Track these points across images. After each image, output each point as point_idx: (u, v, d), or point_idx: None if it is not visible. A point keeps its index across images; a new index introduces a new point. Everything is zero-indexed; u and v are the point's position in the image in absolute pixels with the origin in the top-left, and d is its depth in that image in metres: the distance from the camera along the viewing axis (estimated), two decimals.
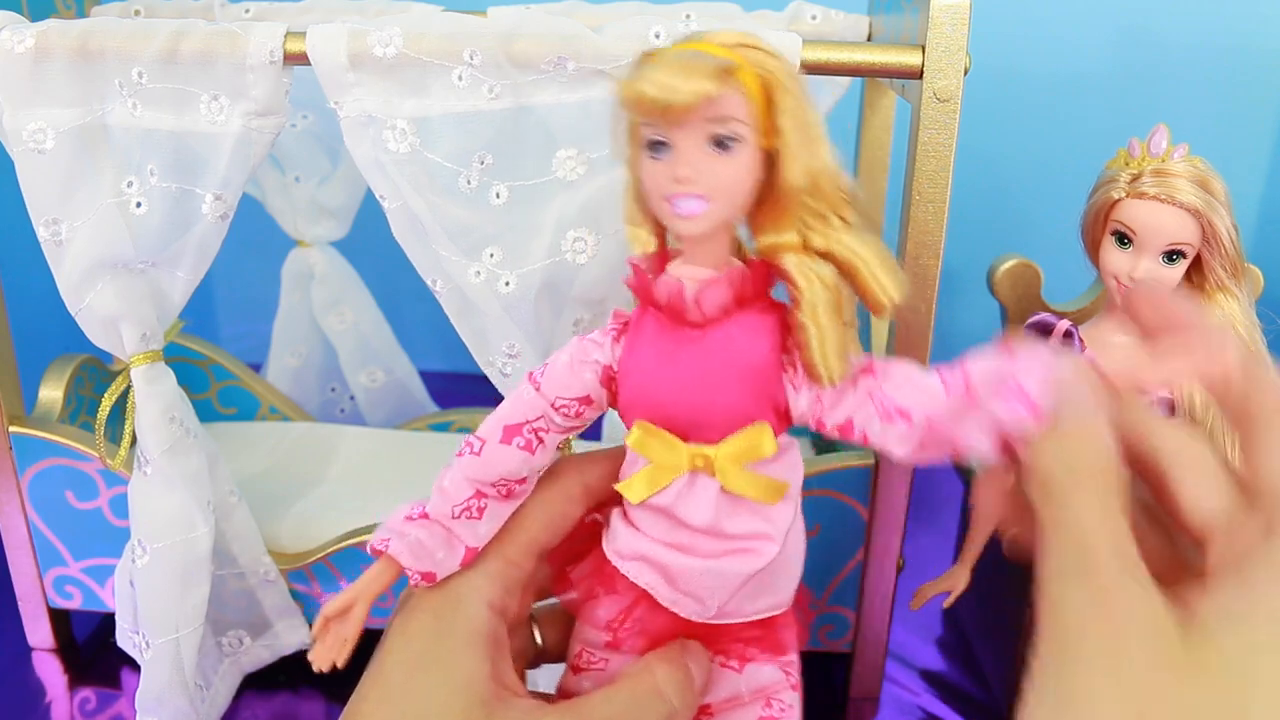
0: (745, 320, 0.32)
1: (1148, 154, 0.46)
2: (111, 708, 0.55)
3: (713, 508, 0.33)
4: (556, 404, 0.34)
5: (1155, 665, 0.22)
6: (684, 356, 0.32)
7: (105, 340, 0.48)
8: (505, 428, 0.34)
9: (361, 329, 0.73)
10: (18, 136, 0.44)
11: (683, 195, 0.30)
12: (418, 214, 0.44)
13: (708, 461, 0.32)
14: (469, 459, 0.34)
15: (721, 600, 0.34)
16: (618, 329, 0.34)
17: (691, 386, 0.32)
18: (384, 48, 0.42)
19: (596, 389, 0.34)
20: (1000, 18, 0.75)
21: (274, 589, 0.54)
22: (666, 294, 0.32)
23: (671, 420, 0.32)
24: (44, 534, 0.55)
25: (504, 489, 0.35)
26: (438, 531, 0.34)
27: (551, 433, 0.35)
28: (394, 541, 0.34)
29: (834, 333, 0.31)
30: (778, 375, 0.32)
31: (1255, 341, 0.48)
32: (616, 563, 0.35)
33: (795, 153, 0.30)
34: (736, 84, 0.29)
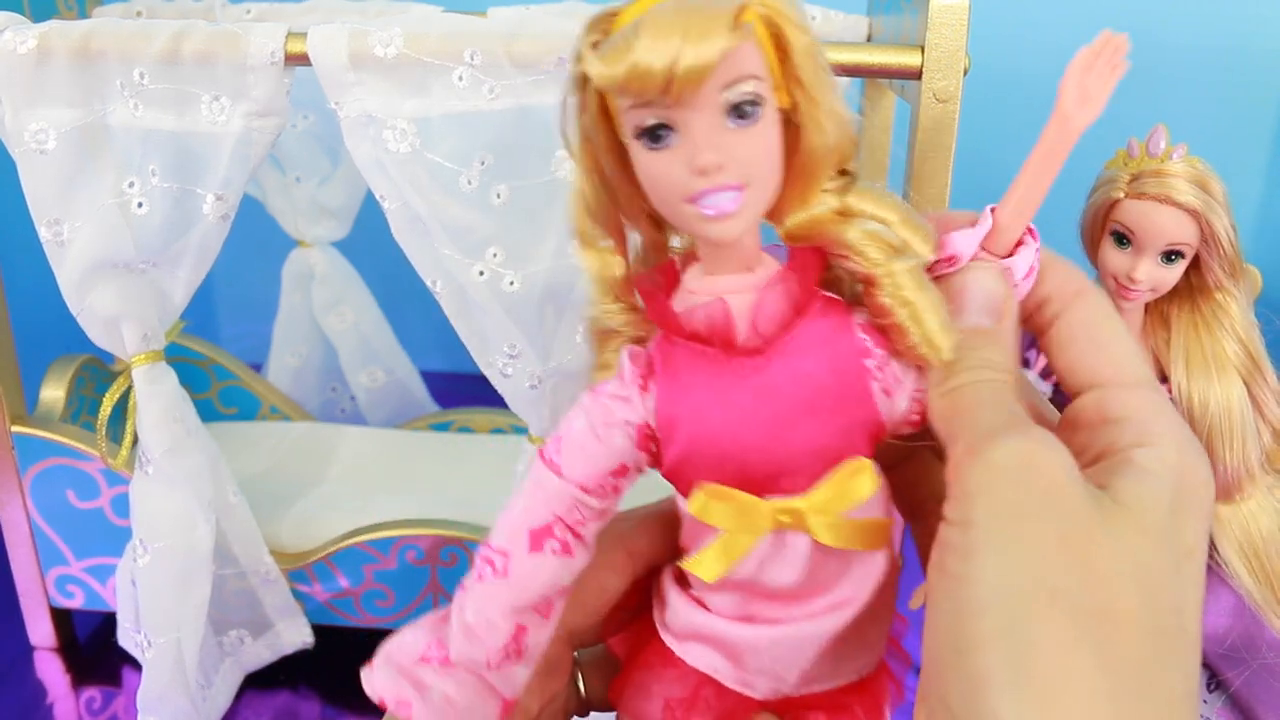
0: (809, 332, 0.26)
1: (1146, 154, 0.47)
2: (113, 706, 0.55)
3: (805, 567, 0.26)
4: (589, 485, 0.27)
5: (1092, 513, 0.23)
6: (746, 393, 0.25)
7: (106, 340, 0.48)
8: (531, 534, 0.27)
9: (362, 329, 0.73)
10: (19, 137, 0.44)
11: (713, 189, 0.23)
12: (418, 214, 0.44)
13: (796, 516, 0.26)
14: (494, 584, 0.27)
15: (801, 669, 0.28)
16: (642, 375, 0.27)
17: (763, 430, 0.25)
18: (385, 48, 0.42)
19: (633, 454, 0.27)
20: (1000, 18, 0.75)
21: (275, 588, 0.54)
22: (706, 320, 0.25)
23: (743, 474, 0.26)
24: (46, 533, 0.55)
25: (544, 607, 0.27)
26: (468, 684, 0.27)
27: (589, 523, 0.27)
28: (417, 707, 0.27)
29: (929, 299, 0.25)
30: (864, 387, 0.26)
31: (1254, 342, 0.48)
32: (670, 643, 0.29)
33: (822, 105, 0.24)
34: (746, 29, 0.23)
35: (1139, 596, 0.22)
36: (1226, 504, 0.48)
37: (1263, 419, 0.48)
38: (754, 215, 0.25)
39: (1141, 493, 0.23)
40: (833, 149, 0.25)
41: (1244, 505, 0.48)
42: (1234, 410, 0.47)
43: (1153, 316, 0.50)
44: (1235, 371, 0.47)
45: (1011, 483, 0.23)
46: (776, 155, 0.24)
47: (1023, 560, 0.22)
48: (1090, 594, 0.22)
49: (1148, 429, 0.25)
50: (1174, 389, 0.48)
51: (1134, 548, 0.23)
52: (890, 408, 0.26)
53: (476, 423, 0.72)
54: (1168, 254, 0.46)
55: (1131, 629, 0.22)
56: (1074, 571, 0.22)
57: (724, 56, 0.22)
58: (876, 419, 0.26)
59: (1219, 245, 0.46)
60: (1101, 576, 0.22)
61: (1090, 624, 0.21)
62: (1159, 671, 0.22)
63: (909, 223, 0.26)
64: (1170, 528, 0.23)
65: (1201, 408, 0.47)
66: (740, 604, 0.28)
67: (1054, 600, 0.21)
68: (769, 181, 0.25)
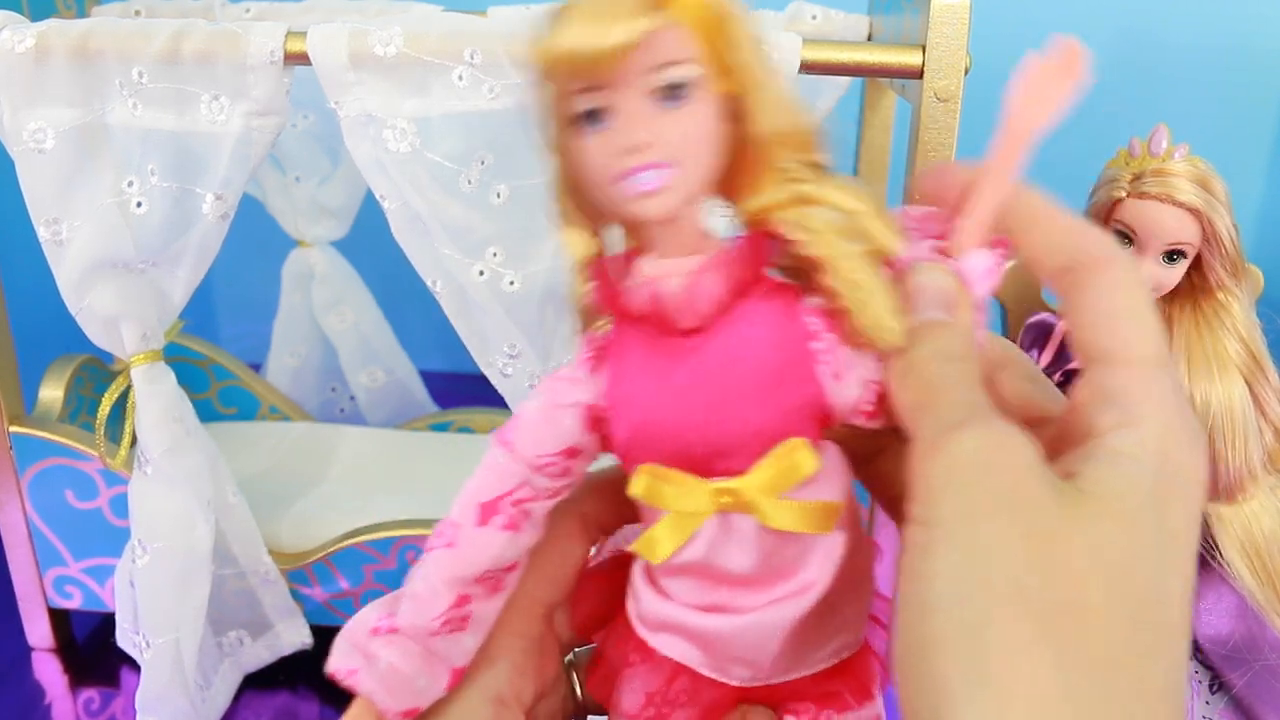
0: (750, 312, 0.26)
1: (1148, 154, 0.47)
2: (111, 707, 0.55)
3: (756, 550, 0.27)
4: (537, 464, 0.27)
5: (1055, 508, 0.22)
6: (685, 373, 0.26)
7: (105, 340, 0.48)
8: (481, 506, 0.28)
9: (362, 329, 0.73)
10: (18, 136, 0.44)
11: (640, 166, 0.24)
12: (418, 214, 0.44)
13: (737, 498, 0.26)
14: (442, 554, 0.28)
15: (775, 655, 0.28)
16: (593, 357, 0.28)
17: (701, 408, 0.26)
18: (385, 47, 0.42)
19: (582, 436, 0.27)
20: (1000, 18, 0.75)
21: (274, 589, 0.54)
22: (644, 301, 0.26)
23: (684, 455, 0.26)
24: (44, 534, 0.55)
25: (490, 582, 0.28)
26: (414, 652, 0.28)
27: (539, 500, 0.28)
28: (363, 674, 0.28)
29: (877, 284, 0.25)
30: (806, 368, 0.26)
31: (1256, 341, 0.48)
32: (643, 634, 0.29)
33: (764, 92, 0.25)
34: (673, 14, 0.24)
35: (1107, 589, 0.21)
36: (1229, 504, 0.48)
37: (1264, 419, 0.48)
38: (682, 195, 0.25)
39: (1113, 478, 0.23)
40: (781, 136, 0.25)
41: (1246, 505, 0.48)
42: (1236, 410, 0.47)
43: None
44: (1237, 371, 0.47)
45: (972, 478, 0.22)
46: (710, 137, 0.25)
47: (982, 558, 0.21)
48: (1053, 590, 0.21)
49: (1133, 410, 0.24)
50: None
51: (1102, 538, 0.22)
52: (840, 392, 0.26)
53: (476, 423, 0.72)
54: (1169, 253, 0.46)
55: (1099, 623, 0.21)
56: (1036, 568, 0.21)
57: (644, 37, 0.23)
58: (823, 403, 0.26)
59: (1221, 245, 0.46)
60: (1065, 571, 0.21)
61: (1052, 621, 0.21)
62: (1133, 665, 0.21)
63: (878, 215, 0.26)
64: (1148, 513, 0.22)
65: (1203, 407, 0.47)
66: (702, 591, 0.28)
67: (1014, 599, 0.21)
68: (698, 163, 0.25)
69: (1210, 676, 0.46)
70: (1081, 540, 0.22)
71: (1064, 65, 0.26)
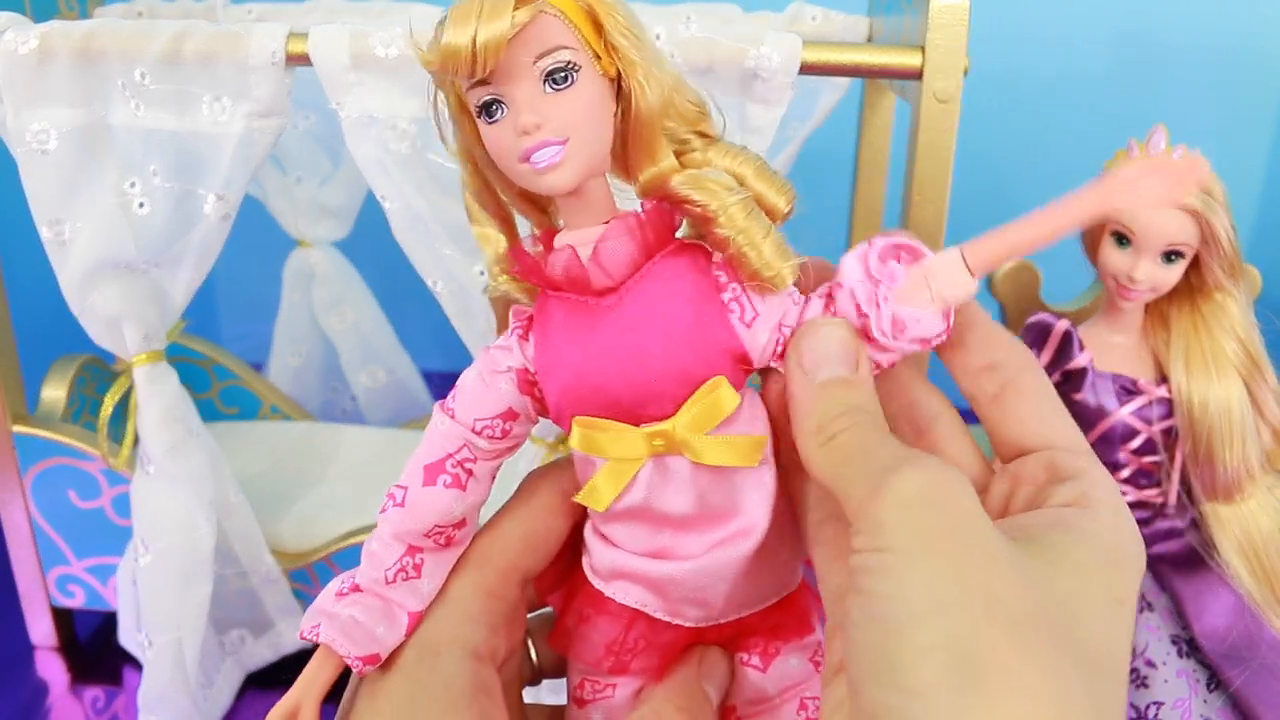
0: (661, 270, 0.28)
1: (1146, 154, 0.47)
2: (113, 706, 0.55)
3: (692, 490, 0.29)
4: (476, 427, 0.30)
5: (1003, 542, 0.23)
6: (605, 330, 0.28)
7: (108, 340, 0.48)
8: (426, 468, 0.30)
9: (363, 329, 0.73)
10: (21, 137, 0.44)
11: (535, 146, 0.26)
12: (419, 214, 0.44)
13: (668, 440, 0.28)
14: (393, 512, 0.30)
15: (724, 595, 0.30)
16: (523, 326, 0.30)
17: (623, 360, 0.28)
18: (386, 49, 0.42)
19: (517, 399, 0.30)
20: (1000, 18, 0.75)
21: (276, 588, 0.54)
22: (561, 266, 0.28)
23: (614, 406, 0.28)
24: (47, 533, 0.55)
25: (440, 537, 0.30)
26: (373, 604, 0.30)
27: (480, 461, 0.30)
28: (324, 627, 0.29)
29: (761, 230, 0.28)
30: (720, 317, 0.28)
31: (1254, 342, 0.48)
32: (598, 585, 0.31)
33: (645, 71, 0.27)
34: (547, 6, 0.26)
35: (1069, 626, 0.22)
36: (1227, 504, 0.48)
37: (1262, 419, 0.48)
38: (580, 166, 0.27)
39: (1069, 541, 0.24)
40: (663, 110, 0.28)
41: (1244, 505, 0.48)
42: (1234, 410, 0.47)
43: (1152, 317, 0.50)
44: (1235, 371, 0.47)
45: (924, 509, 0.23)
46: (598, 113, 0.27)
47: (952, 573, 0.22)
48: (1025, 603, 0.22)
49: (1089, 494, 0.26)
50: (1174, 389, 0.48)
51: (1057, 585, 0.23)
52: (752, 339, 0.29)
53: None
54: (1168, 254, 0.46)
55: (1068, 650, 0.21)
56: (1007, 583, 0.22)
57: (516, 29, 0.25)
58: (739, 348, 0.28)
59: (1219, 245, 0.46)
60: (1036, 595, 0.22)
61: (1033, 633, 0.21)
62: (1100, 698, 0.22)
63: (763, 177, 0.29)
64: (1099, 578, 0.24)
65: (1201, 408, 0.47)
66: (647, 536, 0.30)
67: (992, 609, 0.21)
68: (590, 135, 0.27)
69: (1208, 675, 0.46)
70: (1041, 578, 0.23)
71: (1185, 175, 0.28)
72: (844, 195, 0.65)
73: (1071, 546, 0.24)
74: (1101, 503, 0.26)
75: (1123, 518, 0.26)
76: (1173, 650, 0.47)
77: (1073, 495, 0.26)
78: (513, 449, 0.31)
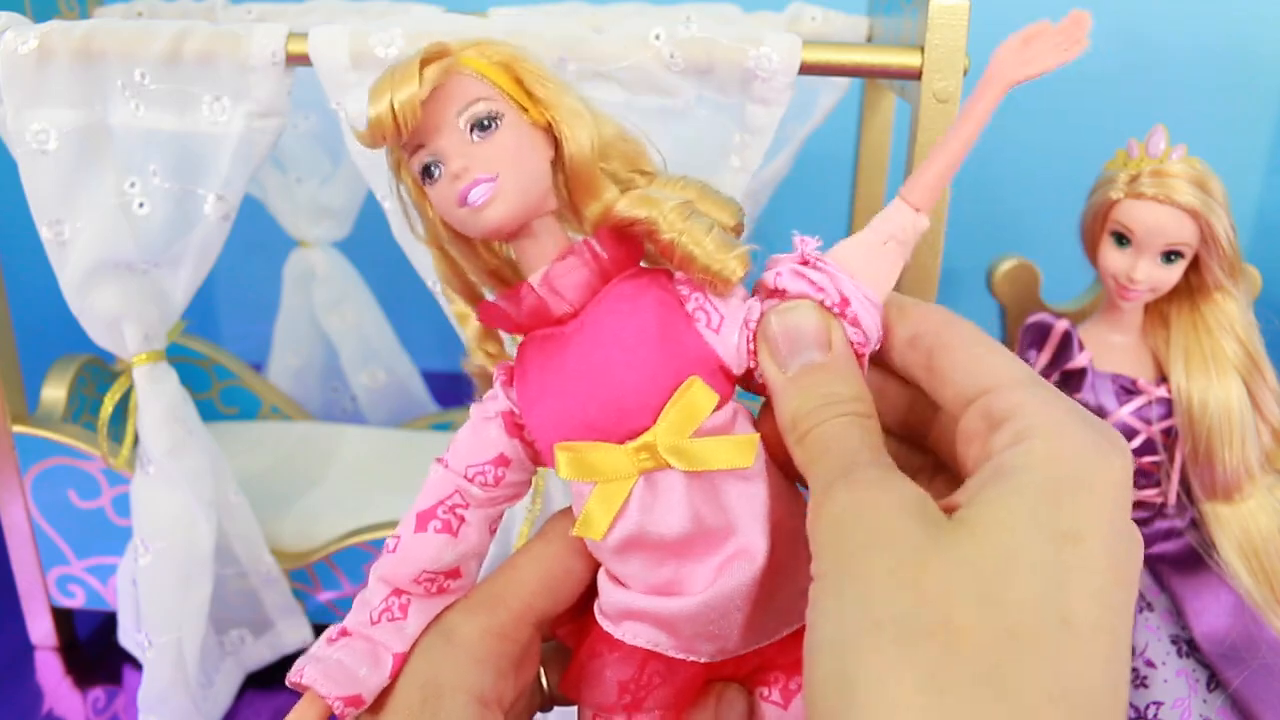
0: (621, 290, 0.29)
1: (1146, 155, 0.47)
2: (113, 706, 0.55)
3: (685, 507, 0.28)
4: (469, 474, 0.30)
5: (924, 540, 0.22)
6: (571, 354, 0.29)
7: (108, 340, 0.48)
8: (418, 515, 0.30)
9: (363, 329, 0.73)
10: (21, 137, 0.44)
11: (468, 186, 0.28)
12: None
13: (653, 452, 0.28)
14: (385, 558, 0.30)
15: (738, 626, 0.29)
16: (506, 373, 0.31)
17: (591, 378, 0.28)
18: (385, 49, 0.42)
19: (507, 443, 0.30)
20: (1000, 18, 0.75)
21: (276, 588, 0.54)
22: (519, 304, 0.29)
23: (592, 427, 0.28)
24: (47, 533, 0.55)
25: (431, 584, 0.30)
26: (358, 646, 0.30)
27: (473, 509, 0.31)
28: (309, 668, 0.29)
29: (702, 228, 0.28)
30: (686, 327, 0.29)
31: (1254, 342, 0.48)
32: (607, 627, 0.30)
33: (569, 117, 0.29)
34: (459, 65, 0.28)
35: (978, 607, 0.21)
36: (1226, 504, 0.48)
37: (1262, 419, 0.48)
38: (515, 200, 0.28)
39: (993, 498, 0.23)
40: (598, 151, 0.29)
41: (1243, 505, 0.48)
42: (1233, 410, 0.47)
43: (1152, 317, 0.50)
44: (1235, 371, 0.47)
45: (845, 529, 0.23)
46: (526, 152, 0.28)
47: (851, 600, 0.22)
48: (917, 616, 0.21)
49: (1021, 424, 0.24)
50: (1173, 389, 0.48)
51: (971, 558, 0.22)
52: (723, 343, 0.29)
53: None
54: (1167, 254, 0.46)
55: (969, 641, 0.21)
56: (900, 598, 0.22)
57: (429, 85, 0.27)
58: (712, 356, 0.29)
59: (1218, 245, 0.46)
60: (932, 596, 0.22)
61: (917, 645, 0.21)
62: (1011, 676, 0.21)
63: (708, 197, 0.29)
64: (1028, 524, 0.22)
65: (1201, 408, 0.47)
66: (651, 568, 0.29)
67: (878, 631, 0.21)
68: (523, 172, 0.28)
69: (1208, 675, 0.46)
70: (948, 564, 0.22)
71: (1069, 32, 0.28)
72: (844, 195, 0.65)
73: (1000, 501, 0.23)
74: (1036, 432, 0.24)
75: (1064, 438, 0.24)
76: (1172, 650, 0.47)
77: (1010, 436, 0.24)
78: (510, 499, 0.32)
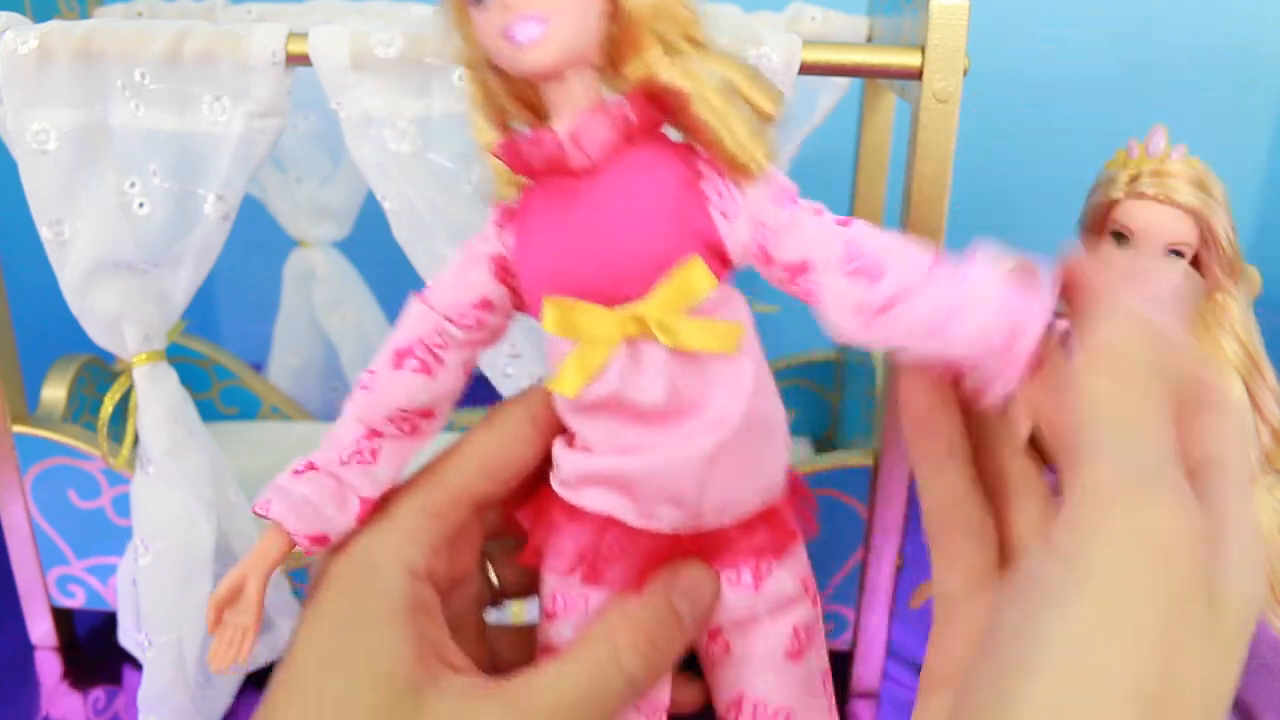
0: (642, 156, 0.28)
1: (1146, 155, 0.47)
2: (113, 706, 0.55)
3: (665, 378, 0.28)
4: (450, 314, 0.30)
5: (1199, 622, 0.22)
6: (580, 210, 0.28)
7: (107, 340, 0.48)
8: (396, 352, 0.30)
9: (363, 329, 0.73)
10: (21, 137, 0.44)
11: (516, 19, 0.26)
12: (419, 214, 0.44)
13: (641, 323, 0.28)
14: (359, 395, 0.30)
15: (698, 492, 0.29)
16: (500, 217, 0.30)
17: (597, 239, 0.28)
18: (386, 48, 0.42)
19: (493, 287, 0.30)
20: (1000, 18, 0.75)
21: (275, 588, 0.54)
22: (540, 149, 0.28)
23: (586, 287, 0.28)
24: (46, 533, 0.55)
25: (405, 423, 0.30)
26: (326, 484, 0.30)
27: (451, 349, 0.30)
28: (275, 502, 0.30)
29: (737, 114, 0.28)
30: (699, 205, 0.28)
31: (1254, 342, 0.48)
32: (568, 496, 0.30)
33: None
34: None
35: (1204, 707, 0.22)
36: None
37: (1262, 419, 0.48)
38: (561, 46, 0.27)
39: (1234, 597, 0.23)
40: (653, 10, 0.27)
41: None
42: None
43: None
44: (1235, 372, 0.47)
45: (1138, 560, 0.22)
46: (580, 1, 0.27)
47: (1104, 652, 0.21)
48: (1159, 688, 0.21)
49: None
50: None
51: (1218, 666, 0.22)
52: (730, 232, 0.28)
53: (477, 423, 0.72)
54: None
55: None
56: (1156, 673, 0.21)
57: None
58: (716, 239, 0.28)
59: (1219, 246, 0.46)
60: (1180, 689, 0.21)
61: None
62: None
63: (753, 80, 0.28)
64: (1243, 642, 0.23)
65: None
66: (617, 432, 0.29)
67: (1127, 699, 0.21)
68: (577, 19, 0.27)
69: None
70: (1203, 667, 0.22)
71: None
72: (844, 195, 0.65)
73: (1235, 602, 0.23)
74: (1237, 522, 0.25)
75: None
76: None
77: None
78: (487, 341, 0.31)
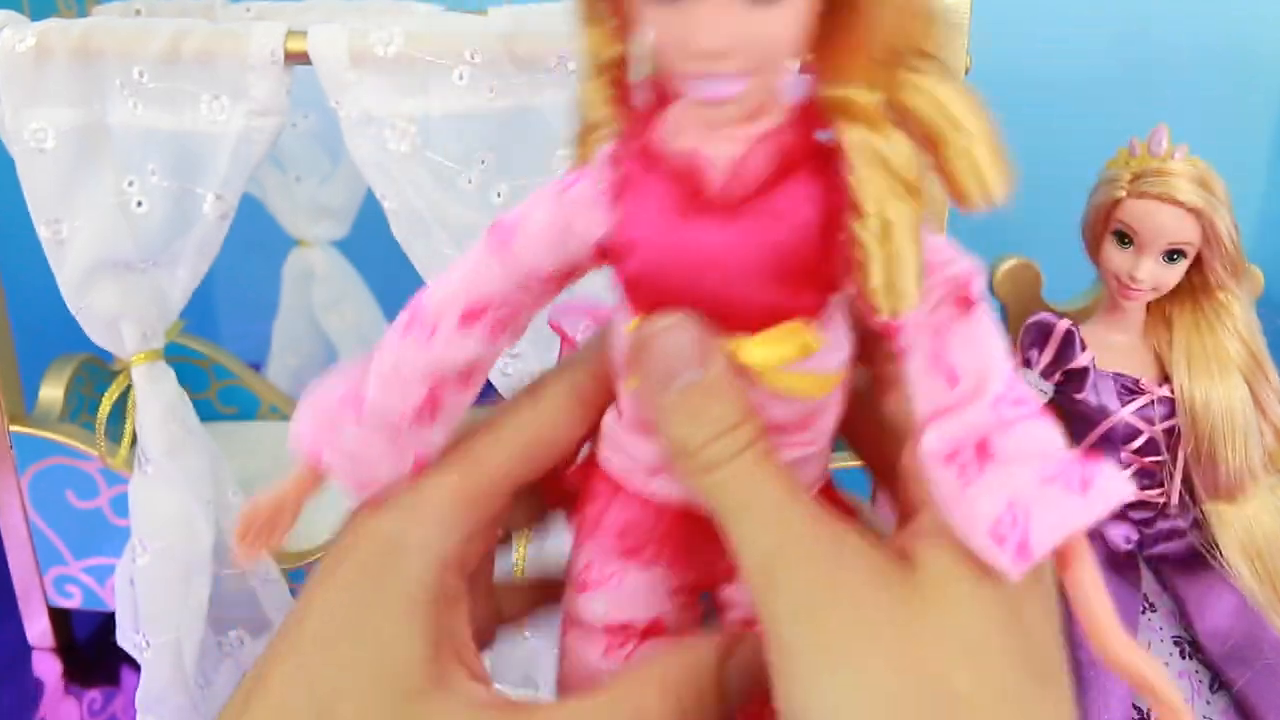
0: (791, 192, 0.23)
1: (1148, 154, 0.47)
2: (111, 706, 0.55)
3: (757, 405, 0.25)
4: (531, 278, 0.26)
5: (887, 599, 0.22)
6: (706, 235, 0.23)
7: (106, 339, 0.48)
8: (465, 313, 0.26)
9: (362, 329, 0.73)
10: (19, 136, 0.44)
11: (710, 79, 0.21)
12: (419, 213, 0.44)
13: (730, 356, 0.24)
14: (418, 348, 0.26)
15: None
16: (616, 186, 0.25)
17: (715, 275, 0.23)
18: (385, 47, 0.42)
19: (587, 263, 0.26)
20: (1000, 18, 0.75)
21: (274, 588, 0.54)
22: (682, 165, 0.23)
23: (685, 305, 0.24)
24: (44, 533, 0.55)
25: (464, 378, 0.27)
26: (378, 441, 0.27)
27: (524, 312, 0.27)
28: (327, 452, 0.28)
29: (909, 254, 0.22)
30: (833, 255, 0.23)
31: (1256, 341, 0.48)
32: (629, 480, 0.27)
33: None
34: None
35: (974, 671, 0.21)
36: (1229, 504, 0.48)
37: (1265, 419, 0.48)
38: (756, 100, 0.22)
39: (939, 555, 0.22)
40: (889, 27, 0.21)
41: (1246, 505, 0.48)
42: (1236, 410, 0.47)
43: (1154, 316, 0.50)
44: (1237, 371, 0.47)
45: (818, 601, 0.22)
46: (796, 38, 0.21)
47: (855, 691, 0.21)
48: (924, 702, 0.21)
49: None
50: (1176, 389, 0.48)
51: (950, 626, 0.21)
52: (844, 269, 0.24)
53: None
54: (1169, 253, 0.46)
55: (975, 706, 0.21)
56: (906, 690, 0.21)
57: None
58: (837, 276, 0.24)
59: (1221, 245, 0.46)
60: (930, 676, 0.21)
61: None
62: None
63: (989, 141, 0.22)
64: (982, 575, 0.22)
65: (1204, 408, 0.47)
66: None
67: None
68: (779, 69, 0.22)
69: (1210, 676, 0.46)
70: (933, 637, 0.21)
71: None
72: None
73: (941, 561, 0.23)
74: None
75: None
76: (1175, 651, 0.47)
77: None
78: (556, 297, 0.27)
